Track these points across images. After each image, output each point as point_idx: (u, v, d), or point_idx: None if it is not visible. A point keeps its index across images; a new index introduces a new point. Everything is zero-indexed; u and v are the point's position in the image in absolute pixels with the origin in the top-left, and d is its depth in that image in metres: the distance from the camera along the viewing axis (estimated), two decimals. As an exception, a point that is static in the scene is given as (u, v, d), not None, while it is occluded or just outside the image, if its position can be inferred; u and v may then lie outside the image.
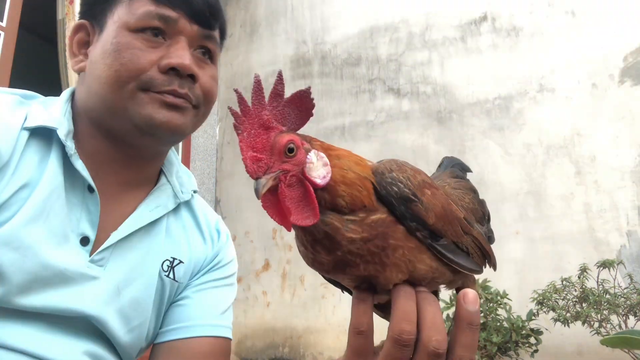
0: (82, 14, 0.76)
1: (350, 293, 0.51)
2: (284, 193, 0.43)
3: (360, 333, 0.45)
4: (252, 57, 4.14)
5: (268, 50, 4.07)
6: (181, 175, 0.86)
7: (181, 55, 0.69)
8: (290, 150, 0.43)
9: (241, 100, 0.44)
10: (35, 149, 0.67)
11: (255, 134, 0.43)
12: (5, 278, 0.59)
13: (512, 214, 2.87)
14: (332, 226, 0.43)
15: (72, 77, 2.74)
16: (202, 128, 4.02)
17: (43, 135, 0.68)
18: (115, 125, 0.71)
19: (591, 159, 2.79)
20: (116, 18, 0.70)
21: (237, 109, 0.44)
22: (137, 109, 0.68)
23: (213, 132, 4.17)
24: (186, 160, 3.76)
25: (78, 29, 0.76)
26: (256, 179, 0.42)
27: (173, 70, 0.69)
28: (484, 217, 0.62)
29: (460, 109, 3.22)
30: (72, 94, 0.77)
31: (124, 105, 0.68)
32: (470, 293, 0.46)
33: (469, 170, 0.71)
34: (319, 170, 0.44)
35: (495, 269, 0.59)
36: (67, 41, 2.77)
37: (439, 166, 0.72)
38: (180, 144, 3.76)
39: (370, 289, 0.47)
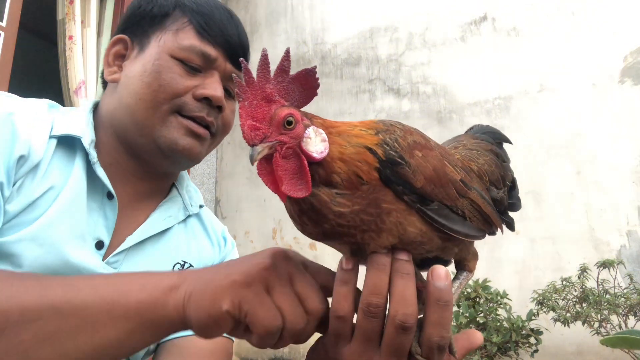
0: (123, 30, 0.81)
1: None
2: (278, 163, 0.44)
3: (339, 318, 0.46)
4: (252, 57, 4.14)
5: (268, 50, 4.06)
6: (190, 190, 0.91)
7: (216, 88, 0.75)
8: (289, 123, 0.44)
9: (247, 71, 0.44)
10: (61, 155, 0.71)
11: (257, 105, 0.44)
12: (26, 272, 0.62)
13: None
14: (319, 198, 0.43)
15: (72, 77, 2.74)
16: (202, 128, 4.02)
17: (68, 143, 0.72)
18: (139, 141, 0.75)
19: (591, 159, 2.79)
20: (162, 42, 0.75)
21: (242, 79, 0.45)
22: (164, 131, 0.73)
23: (213, 132, 4.16)
24: (186, 160, 3.75)
25: (117, 42, 0.80)
26: (252, 146, 0.43)
27: (206, 100, 0.74)
28: (502, 180, 0.59)
29: (460, 109, 3.22)
30: (95, 106, 0.81)
31: (153, 125, 0.73)
32: (439, 269, 0.45)
33: (506, 140, 0.66)
34: (317, 145, 0.44)
35: (513, 229, 0.57)
36: (67, 41, 2.77)
37: (468, 131, 0.68)
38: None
39: (355, 268, 0.47)
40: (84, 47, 2.83)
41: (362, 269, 0.48)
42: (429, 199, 0.46)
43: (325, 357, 0.49)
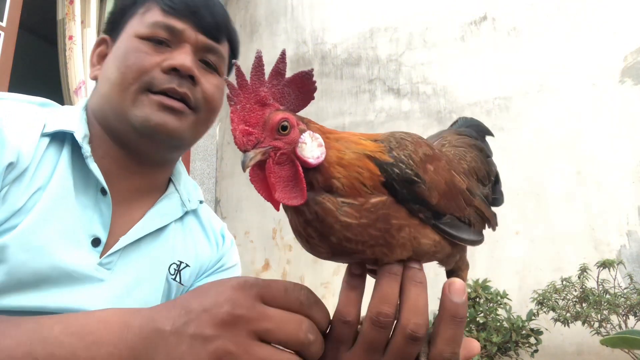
0: (105, 31, 0.82)
1: None
2: (271, 169, 0.42)
3: (345, 323, 0.44)
4: (252, 57, 4.10)
5: (268, 50, 4.06)
6: (188, 185, 0.89)
7: (183, 58, 0.72)
8: (284, 128, 0.42)
9: (239, 74, 0.43)
10: (51, 154, 0.69)
11: (250, 109, 0.42)
12: (14, 278, 0.60)
13: (512, 214, 2.87)
14: (323, 206, 0.41)
15: (72, 77, 2.74)
16: (202, 128, 4.02)
17: (59, 140, 0.70)
18: (119, 127, 0.73)
19: (591, 159, 2.79)
20: (129, 28, 0.75)
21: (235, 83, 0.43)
22: (136, 111, 0.71)
23: (213, 132, 4.17)
24: (186, 161, 3.76)
25: (100, 42, 0.81)
26: (244, 151, 0.41)
27: (174, 71, 0.72)
28: (488, 177, 0.58)
29: (460, 109, 3.22)
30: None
31: (126, 106, 0.71)
32: (457, 282, 0.43)
33: (488, 133, 0.65)
34: (312, 150, 0.42)
35: (496, 223, 0.56)
36: (67, 41, 2.77)
37: (452, 125, 0.66)
38: (180, 144, 3.75)
39: (364, 275, 0.46)
40: (84, 47, 2.83)
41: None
42: (443, 213, 0.45)
43: None
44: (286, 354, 0.42)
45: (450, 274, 0.52)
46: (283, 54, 0.44)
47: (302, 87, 0.44)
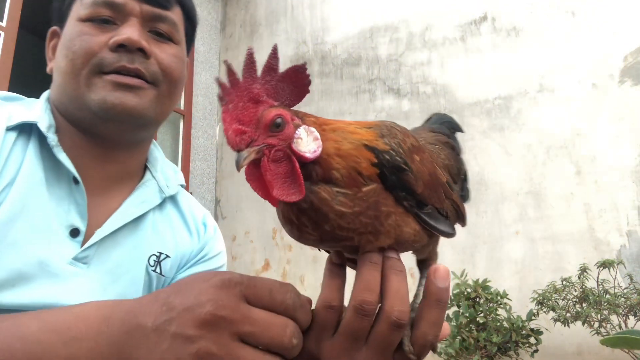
0: (53, 22, 0.79)
1: (328, 251, 0.50)
2: (266, 167, 0.42)
3: (331, 308, 0.45)
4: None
5: (268, 50, 4.03)
6: (166, 171, 0.86)
7: (129, 31, 0.69)
8: (278, 124, 0.41)
9: (230, 72, 0.42)
10: (19, 148, 0.68)
11: (243, 107, 0.41)
12: None
13: (512, 214, 2.87)
14: (319, 196, 0.41)
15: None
16: (202, 128, 4.02)
17: (25, 133, 0.69)
18: (78, 115, 0.72)
19: (591, 159, 2.79)
20: (72, 14, 0.73)
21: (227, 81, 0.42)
22: (92, 95, 0.69)
23: (213, 132, 4.17)
24: (186, 160, 3.76)
25: (52, 35, 0.79)
26: (238, 151, 0.40)
27: (122, 47, 0.69)
28: (458, 174, 0.60)
29: (460, 109, 3.22)
30: None
31: (82, 93, 0.69)
32: (441, 268, 0.45)
33: (459, 129, 0.67)
34: (309, 145, 0.42)
35: (463, 225, 0.57)
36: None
37: (426, 121, 0.68)
38: (180, 144, 3.76)
39: (344, 263, 0.47)
40: (84, 47, 2.83)
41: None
42: (425, 203, 0.46)
43: (300, 353, 0.47)
44: (269, 356, 0.41)
45: (421, 263, 0.53)
46: (274, 49, 0.43)
47: (296, 82, 0.44)
